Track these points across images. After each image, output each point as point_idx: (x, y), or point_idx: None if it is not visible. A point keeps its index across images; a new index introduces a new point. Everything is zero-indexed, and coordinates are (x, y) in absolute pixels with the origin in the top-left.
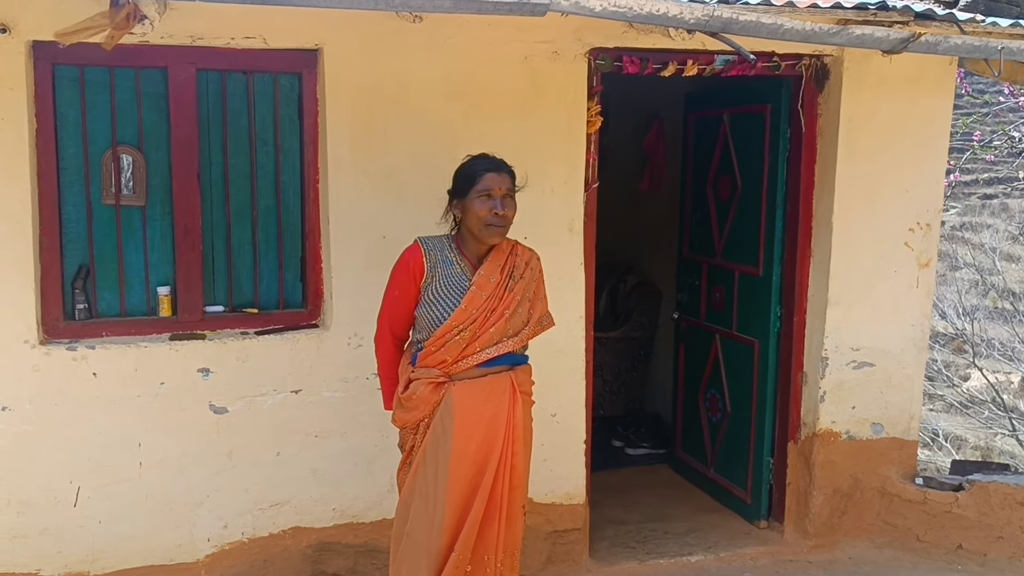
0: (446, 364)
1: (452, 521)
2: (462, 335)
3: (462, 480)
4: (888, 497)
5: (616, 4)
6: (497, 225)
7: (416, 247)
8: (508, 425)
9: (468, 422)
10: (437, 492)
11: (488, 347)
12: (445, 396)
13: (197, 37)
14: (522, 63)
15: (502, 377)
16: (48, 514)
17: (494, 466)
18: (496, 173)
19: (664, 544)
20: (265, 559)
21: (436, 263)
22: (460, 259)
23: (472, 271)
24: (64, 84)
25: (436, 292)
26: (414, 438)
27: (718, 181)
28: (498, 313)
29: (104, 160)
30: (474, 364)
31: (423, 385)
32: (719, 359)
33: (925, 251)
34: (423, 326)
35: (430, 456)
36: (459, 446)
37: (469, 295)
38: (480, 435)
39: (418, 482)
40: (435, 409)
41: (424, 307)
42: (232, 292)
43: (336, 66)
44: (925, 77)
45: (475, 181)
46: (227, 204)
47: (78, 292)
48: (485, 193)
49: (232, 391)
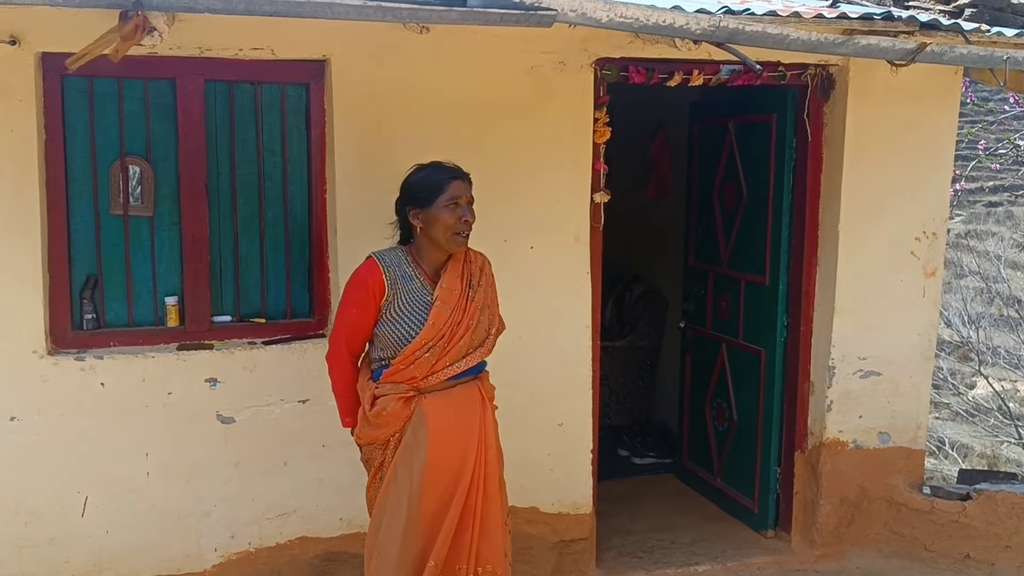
0: (415, 380)
1: (425, 533)
2: (432, 351)
3: (436, 492)
4: (895, 506)
5: (623, 15)
6: (464, 234)
7: (373, 264)
8: (480, 435)
9: (442, 434)
10: (410, 505)
11: (457, 361)
12: (416, 409)
13: (205, 48)
14: (528, 73)
15: (471, 388)
16: (55, 524)
17: (468, 476)
18: (462, 181)
19: (671, 554)
20: (272, 569)
21: (396, 279)
22: (418, 272)
23: (432, 284)
24: (73, 95)
25: (400, 309)
26: (383, 453)
27: (724, 190)
28: (464, 326)
29: (112, 171)
30: (444, 379)
31: (393, 401)
32: (725, 368)
33: (931, 260)
34: (387, 344)
35: (402, 470)
36: (432, 458)
37: (435, 311)
38: (454, 446)
39: (390, 496)
40: (406, 423)
41: (387, 325)
42: (240, 302)
43: (343, 77)
44: (931, 86)
45: (442, 189)
46: (235, 214)
47: (86, 302)
48: (453, 202)
49: (239, 401)
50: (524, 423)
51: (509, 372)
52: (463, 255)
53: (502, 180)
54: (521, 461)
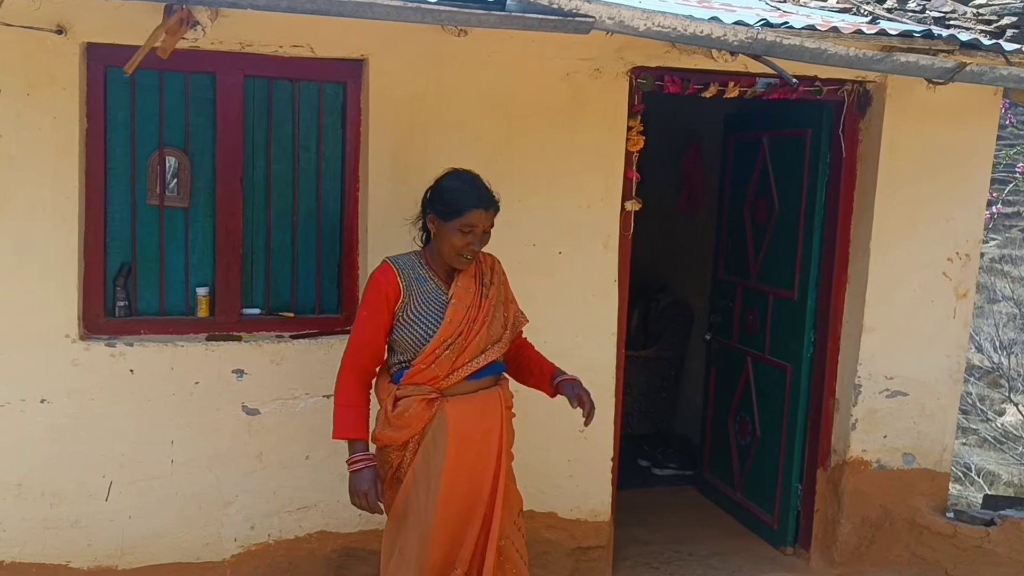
0: (437, 379)
1: (443, 538)
2: (451, 349)
3: (455, 497)
4: (918, 529)
5: (660, 24)
6: (470, 257)
7: (388, 267)
8: (500, 441)
9: (462, 438)
10: (428, 509)
11: (476, 357)
12: (438, 412)
13: (246, 44)
14: (564, 79)
15: (492, 393)
16: (80, 507)
17: (488, 482)
18: (484, 211)
19: (688, 566)
20: (290, 562)
21: (410, 282)
22: (431, 274)
23: (446, 284)
24: (115, 86)
25: (415, 311)
26: (402, 455)
27: (755, 203)
28: (480, 322)
29: (150, 161)
30: (464, 376)
31: (415, 402)
32: (750, 382)
33: (963, 282)
34: (406, 347)
35: (421, 473)
36: (452, 463)
37: (451, 308)
38: (474, 451)
39: (410, 499)
40: (426, 426)
41: (404, 328)
42: (269, 295)
43: (381, 77)
44: (969, 106)
45: (460, 213)
46: (268, 209)
47: (119, 290)
48: (469, 229)
49: (265, 393)
50: (545, 429)
51: None
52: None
53: (533, 184)
54: (541, 466)
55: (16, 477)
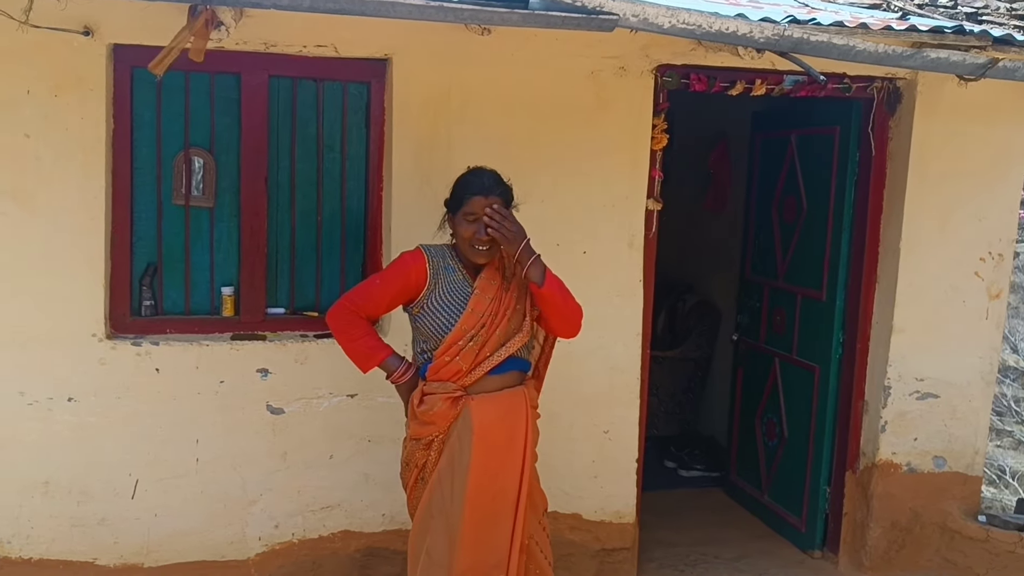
0: (461, 373)
1: (472, 539)
2: (474, 340)
3: (481, 496)
4: (949, 533)
5: (685, 21)
6: (482, 247)
7: (419, 253)
8: (524, 441)
9: (487, 438)
10: (455, 509)
11: (498, 349)
12: (463, 411)
13: (271, 44)
14: (588, 78)
15: (517, 393)
16: (107, 505)
17: (514, 481)
18: (484, 196)
19: (714, 569)
20: (314, 561)
21: (438, 270)
22: (459, 266)
23: (472, 277)
24: (141, 86)
25: (440, 300)
26: (427, 454)
27: (783, 202)
28: (501, 315)
29: (176, 161)
30: (488, 369)
31: (440, 400)
32: (778, 383)
33: (996, 282)
34: (430, 335)
35: (446, 473)
36: (478, 462)
37: (474, 298)
38: (499, 451)
39: (435, 499)
40: (451, 425)
41: (428, 316)
42: (294, 294)
43: (404, 76)
44: (1002, 103)
45: (462, 203)
46: (292, 208)
47: (145, 289)
48: (471, 216)
49: (289, 392)
50: (569, 429)
51: (556, 377)
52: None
53: (557, 183)
54: (565, 467)
55: (44, 475)
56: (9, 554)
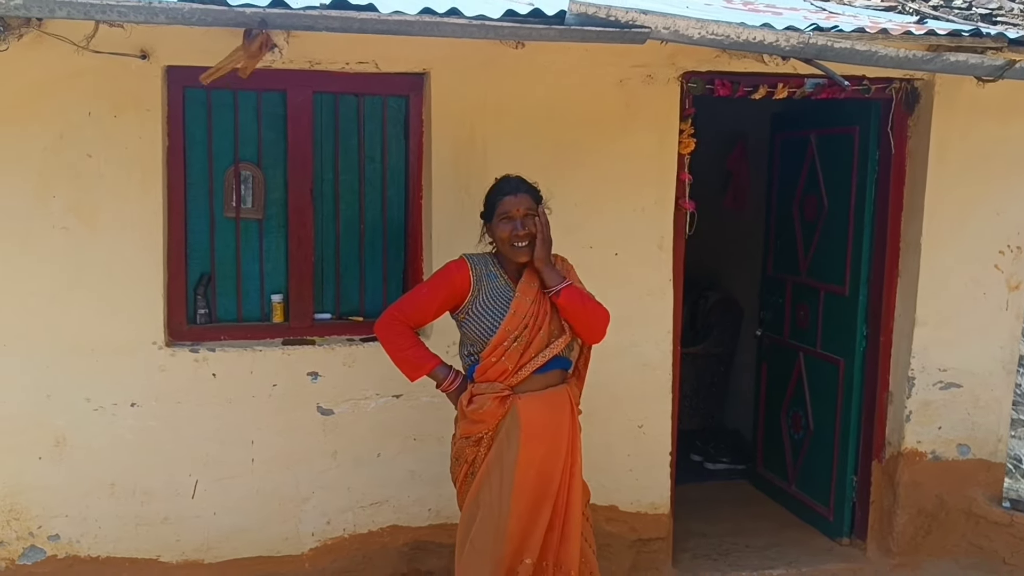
0: (507, 374)
1: (516, 530)
2: (518, 342)
3: (527, 491)
4: (974, 519)
5: (714, 32)
6: (521, 243)
7: (463, 262)
8: (568, 437)
9: (534, 434)
10: (502, 501)
11: (543, 349)
12: (510, 409)
13: (315, 62)
14: (617, 86)
15: (561, 392)
16: (169, 504)
17: (558, 477)
18: (513, 196)
19: (745, 557)
20: (364, 555)
21: (481, 278)
22: (501, 272)
23: (514, 282)
24: (193, 105)
25: (484, 305)
26: (476, 451)
27: (804, 201)
28: (542, 316)
29: (226, 176)
30: (532, 370)
31: (489, 400)
32: (802, 377)
33: (1015, 273)
34: (475, 339)
35: (494, 467)
36: (525, 457)
37: (516, 301)
38: (545, 447)
39: (482, 492)
40: (499, 422)
41: (473, 321)
42: (339, 300)
43: (441, 89)
44: (1018, 100)
45: (496, 207)
46: (337, 218)
47: (200, 298)
48: (506, 216)
49: (338, 394)
50: (605, 424)
51: (592, 374)
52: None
53: (590, 189)
54: (602, 461)
55: (110, 477)
56: (78, 552)
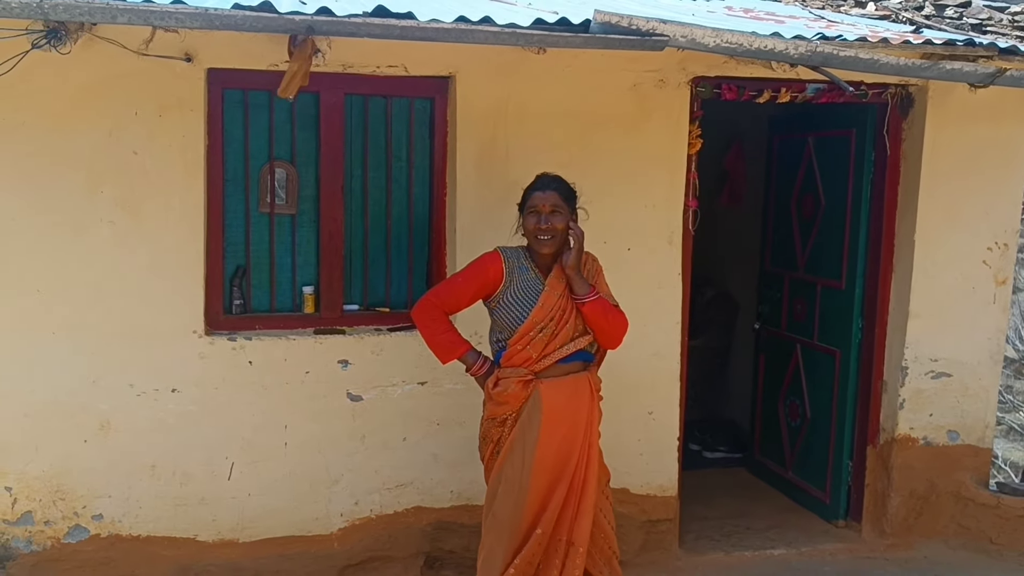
0: (531, 361)
1: (535, 504)
2: (543, 332)
3: (546, 468)
4: (963, 501)
5: (728, 40)
6: (544, 236)
7: (497, 255)
8: (587, 421)
9: (554, 416)
10: (523, 477)
11: (567, 343)
12: (533, 393)
13: (348, 65)
14: (631, 90)
15: (582, 378)
16: (206, 486)
17: (575, 457)
18: (542, 192)
19: (747, 538)
20: (390, 535)
21: (513, 270)
22: (532, 265)
23: (544, 276)
24: (231, 106)
25: (515, 295)
26: (501, 431)
27: (802, 199)
28: (569, 311)
29: (262, 173)
30: (555, 360)
31: (513, 383)
32: (800, 368)
33: (1002, 269)
34: (503, 326)
35: (518, 445)
36: (545, 437)
37: (544, 294)
38: (564, 428)
39: (505, 467)
40: (523, 404)
41: (503, 309)
42: (367, 292)
43: (466, 91)
44: (1006, 105)
45: (526, 200)
46: (365, 214)
47: (235, 289)
48: (534, 210)
49: (367, 381)
50: (618, 411)
51: (606, 364)
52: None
53: (604, 187)
54: (615, 445)
55: (151, 459)
56: (120, 531)
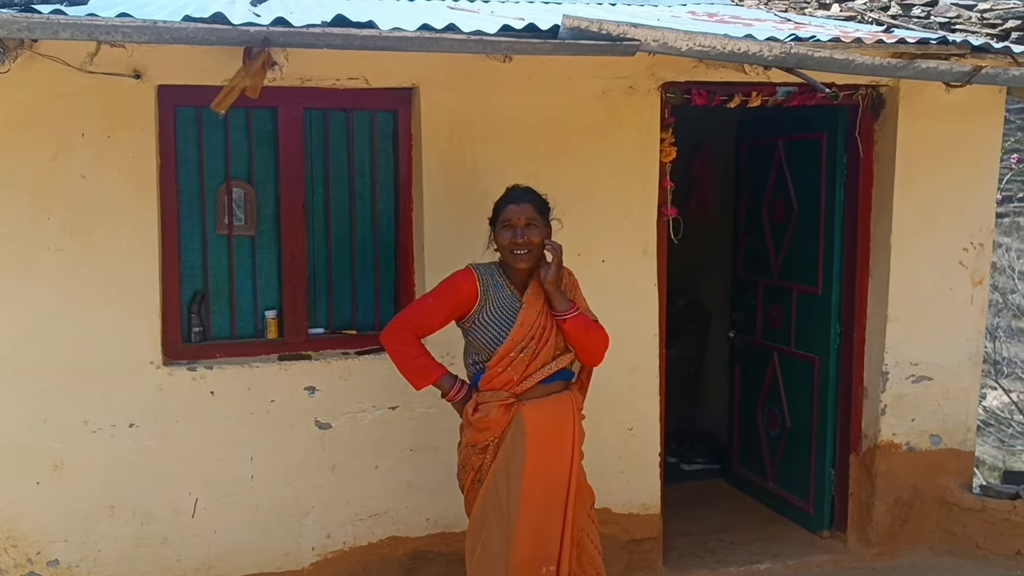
0: (512, 383)
1: (527, 536)
2: (524, 352)
3: (535, 494)
4: (948, 506)
5: (701, 44)
6: (520, 251)
7: (470, 272)
8: (572, 441)
9: (539, 439)
10: (510, 507)
11: (548, 362)
12: (515, 416)
13: (306, 79)
14: (600, 97)
15: (564, 397)
16: (169, 525)
17: (565, 481)
18: (516, 204)
19: (732, 553)
20: (364, 567)
21: (488, 288)
22: (507, 283)
23: (520, 293)
24: (184, 124)
25: (491, 315)
26: (483, 458)
27: (773, 205)
28: (549, 328)
29: (218, 193)
30: (537, 380)
31: (494, 408)
32: (777, 376)
33: (978, 269)
34: (481, 347)
35: (501, 474)
36: (531, 462)
37: (523, 312)
38: (550, 451)
39: (490, 498)
40: (505, 429)
41: (480, 330)
42: (332, 315)
43: (430, 103)
44: (977, 104)
45: (499, 214)
46: (328, 233)
47: (194, 316)
48: (508, 224)
49: (336, 408)
50: (597, 428)
51: None
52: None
53: (576, 197)
54: (595, 463)
55: (109, 499)
56: None
